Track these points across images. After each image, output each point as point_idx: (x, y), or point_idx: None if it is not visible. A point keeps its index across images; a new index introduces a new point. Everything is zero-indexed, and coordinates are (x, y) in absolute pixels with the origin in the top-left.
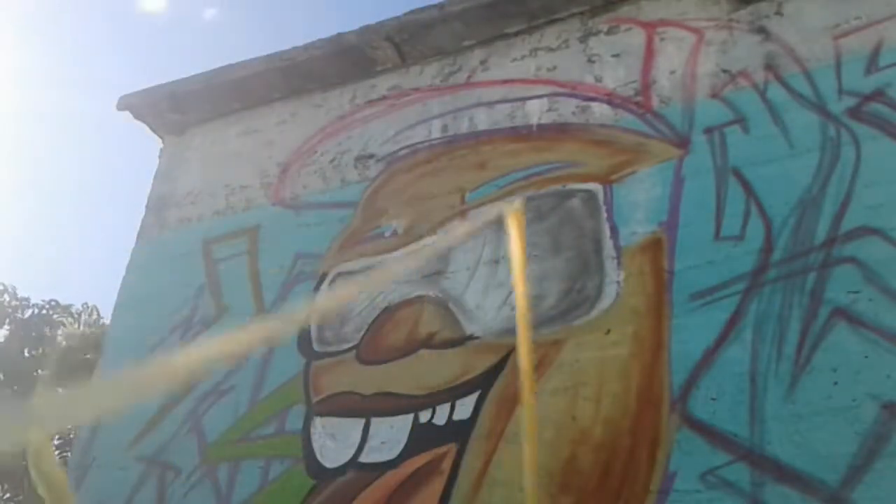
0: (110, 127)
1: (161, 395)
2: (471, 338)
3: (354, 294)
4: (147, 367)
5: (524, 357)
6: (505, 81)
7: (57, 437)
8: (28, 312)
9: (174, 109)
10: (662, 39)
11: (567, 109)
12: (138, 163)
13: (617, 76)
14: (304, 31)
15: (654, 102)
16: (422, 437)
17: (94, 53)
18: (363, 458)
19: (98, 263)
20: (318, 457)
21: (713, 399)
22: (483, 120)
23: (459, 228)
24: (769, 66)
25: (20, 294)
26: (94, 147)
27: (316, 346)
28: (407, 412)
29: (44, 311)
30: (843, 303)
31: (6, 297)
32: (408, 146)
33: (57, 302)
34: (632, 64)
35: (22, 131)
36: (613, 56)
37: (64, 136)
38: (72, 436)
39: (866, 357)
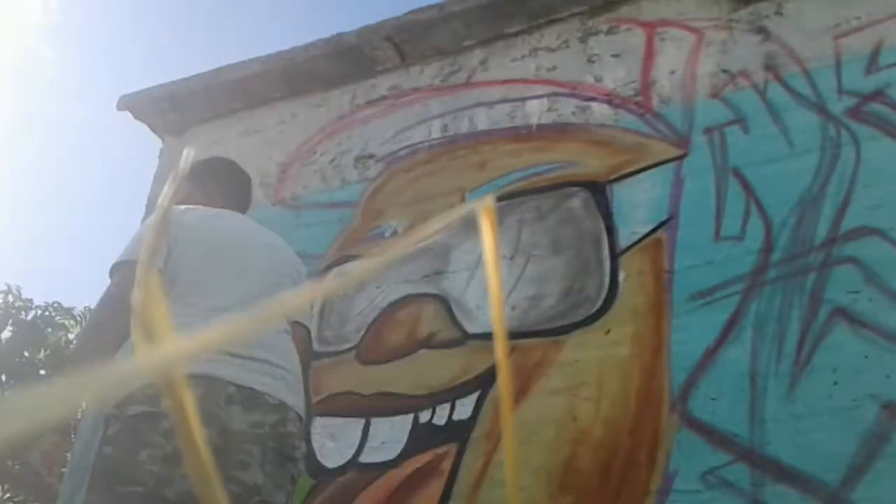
0: (113, 128)
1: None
2: (471, 337)
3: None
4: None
5: (502, 361)
6: (505, 81)
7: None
8: (31, 314)
9: (174, 109)
10: (662, 39)
11: (567, 109)
12: (140, 164)
13: (617, 76)
14: (305, 31)
15: (654, 102)
16: (422, 437)
17: (91, 55)
18: (363, 458)
19: (99, 265)
20: (318, 457)
21: (713, 399)
22: (483, 120)
23: (430, 226)
24: (769, 66)
25: (24, 295)
26: (97, 149)
27: (316, 346)
28: (407, 412)
29: (46, 313)
30: (843, 303)
31: (10, 297)
32: (408, 146)
33: (59, 304)
34: (632, 64)
35: (22, 134)
36: (613, 56)
37: (65, 138)
38: (72, 436)
39: (866, 357)
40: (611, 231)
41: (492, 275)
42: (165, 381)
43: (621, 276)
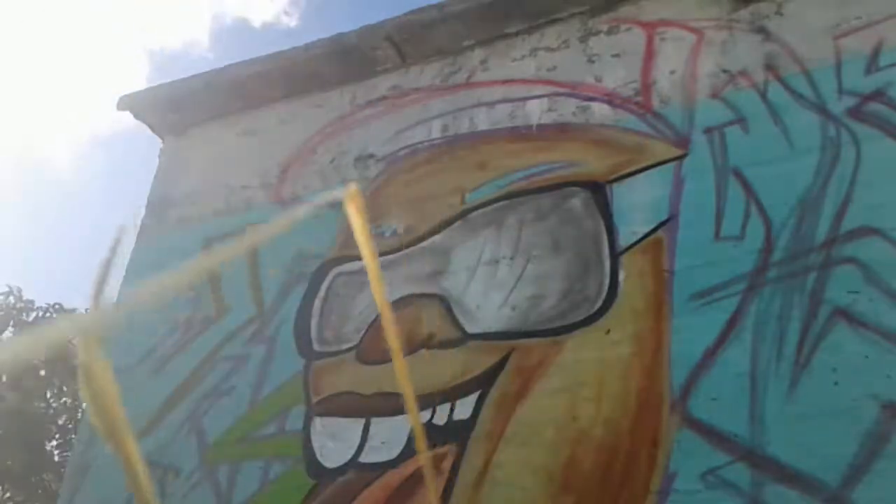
0: (113, 127)
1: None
2: (471, 337)
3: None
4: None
5: (388, 329)
6: (505, 81)
7: (57, 435)
8: (32, 315)
9: (174, 109)
10: (662, 39)
11: (567, 109)
12: (142, 164)
13: (617, 76)
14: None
15: (655, 102)
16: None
17: (93, 52)
18: (363, 458)
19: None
20: (318, 457)
21: (713, 399)
22: (483, 120)
23: (295, 212)
24: (769, 66)
25: (25, 297)
26: (98, 148)
27: (316, 347)
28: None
29: (48, 315)
30: (844, 303)
31: (11, 299)
32: (408, 146)
33: (61, 305)
34: (632, 64)
35: (24, 132)
36: (613, 56)
37: (67, 137)
38: (72, 437)
39: (866, 357)
40: (611, 231)
41: (367, 257)
42: (101, 417)
43: (621, 276)
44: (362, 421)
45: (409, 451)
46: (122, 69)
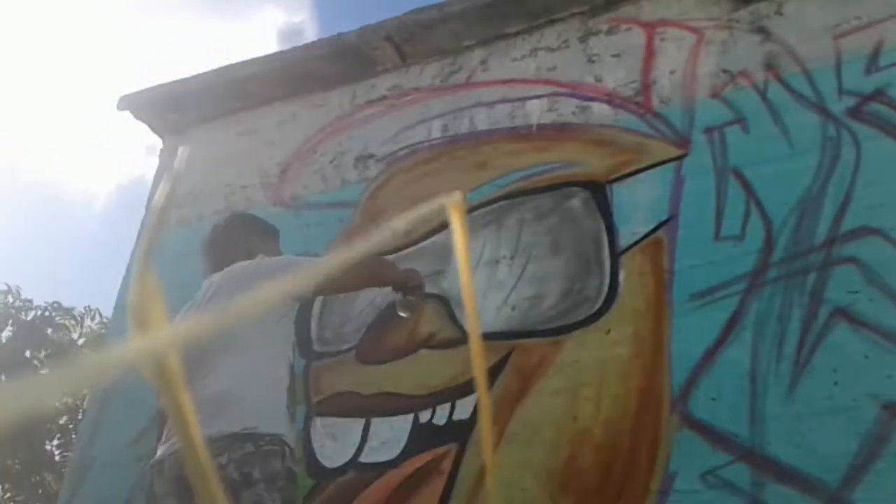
0: (113, 127)
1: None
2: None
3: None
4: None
5: (476, 357)
6: (505, 81)
7: (58, 435)
8: (31, 314)
9: (174, 109)
10: (662, 39)
11: (567, 109)
12: (141, 163)
13: (617, 76)
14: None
15: (655, 102)
16: (422, 437)
17: (95, 49)
18: (363, 458)
19: (99, 266)
20: (318, 457)
21: (713, 399)
22: (483, 120)
23: (400, 221)
24: (769, 66)
25: (24, 295)
26: (97, 147)
27: (316, 347)
28: (407, 412)
29: (46, 314)
30: (844, 303)
31: (10, 298)
32: (408, 146)
33: (59, 304)
34: (632, 64)
35: (22, 130)
36: (613, 56)
37: (65, 133)
38: (73, 436)
39: (866, 357)
40: (611, 231)
41: (463, 269)
42: (156, 368)
43: (621, 276)
44: (362, 421)
45: (409, 450)
46: None
